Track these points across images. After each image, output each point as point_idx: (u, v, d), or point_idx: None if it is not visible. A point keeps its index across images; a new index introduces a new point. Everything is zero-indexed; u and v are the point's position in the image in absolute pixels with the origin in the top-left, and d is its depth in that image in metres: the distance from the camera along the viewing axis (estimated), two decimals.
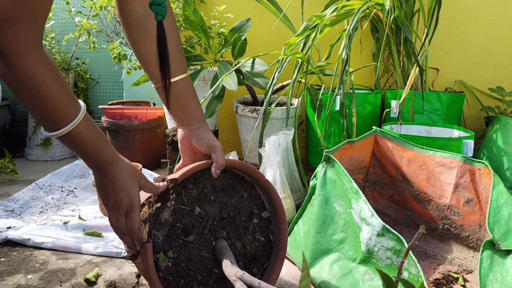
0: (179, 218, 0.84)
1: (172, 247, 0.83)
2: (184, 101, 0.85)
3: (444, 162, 1.15)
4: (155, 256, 0.81)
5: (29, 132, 2.24)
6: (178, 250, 0.84)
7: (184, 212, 0.85)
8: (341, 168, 1.03)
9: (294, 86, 1.46)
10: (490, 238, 0.91)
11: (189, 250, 0.85)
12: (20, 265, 1.12)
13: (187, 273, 0.85)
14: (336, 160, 1.06)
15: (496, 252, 0.90)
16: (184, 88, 0.84)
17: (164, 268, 0.82)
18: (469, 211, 1.12)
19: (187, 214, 0.85)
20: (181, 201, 0.84)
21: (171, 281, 0.83)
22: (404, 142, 1.22)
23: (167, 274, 0.83)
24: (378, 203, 1.34)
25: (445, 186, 1.15)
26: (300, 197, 1.45)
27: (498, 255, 0.90)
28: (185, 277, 0.85)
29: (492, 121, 1.60)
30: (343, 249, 1.00)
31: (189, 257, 0.85)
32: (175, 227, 0.83)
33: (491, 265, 0.89)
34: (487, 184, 1.05)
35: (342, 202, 1.02)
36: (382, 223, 0.89)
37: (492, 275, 0.88)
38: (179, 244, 0.84)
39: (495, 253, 0.90)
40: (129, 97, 2.28)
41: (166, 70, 0.69)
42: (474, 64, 1.85)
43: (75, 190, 1.68)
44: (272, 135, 1.35)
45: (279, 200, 0.93)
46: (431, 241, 1.21)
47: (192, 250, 0.85)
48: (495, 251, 0.90)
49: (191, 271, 0.85)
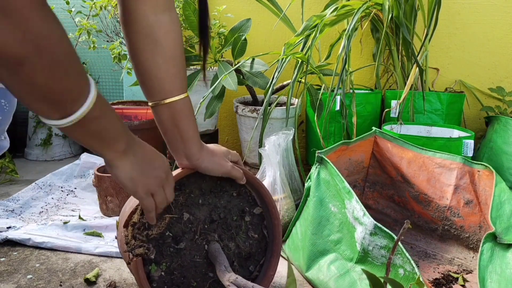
0: (168, 227, 0.82)
1: (164, 257, 0.82)
2: (183, 125, 0.76)
3: (444, 163, 1.15)
4: (146, 268, 0.80)
5: (29, 132, 2.24)
6: (170, 259, 0.83)
7: (173, 220, 0.83)
8: (333, 168, 1.03)
9: (294, 86, 1.46)
10: (492, 231, 0.91)
11: (182, 257, 0.84)
12: (20, 265, 1.13)
13: (181, 281, 0.84)
14: (328, 160, 1.06)
15: (497, 245, 0.91)
16: (184, 110, 0.75)
17: (158, 278, 0.81)
18: (469, 212, 1.12)
19: (176, 221, 0.83)
20: (168, 210, 0.82)
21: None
22: (404, 143, 1.22)
23: (161, 284, 0.82)
24: (378, 203, 1.34)
25: (445, 187, 1.15)
26: (300, 197, 1.45)
27: (499, 248, 0.91)
28: (179, 284, 0.84)
29: (492, 121, 1.60)
30: (340, 250, 1.00)
31: (182, 264, 0.84)
32: (165, 236, 0.82)
33: (491, 257, 0.89)
34: (487, 185, 1.06)
35: (337, 203, 1.03)
36: (373, 222, 0.90)
37: (491, 267, 0.88)
38: (170, 253, 0.83)
39: (496, 246, 0.91)
40: (129, 97, 2.28)
41: (206, 47, 0.66)
42: (474, 64, 1.85)
43: (75, 190, 1.68)
44: (272, 135, 1.35)
45: (269, 196, 0.92)
46: (431, 242, 1.21)
47: (185, 257, 0.84)
48: (496, 244, 0.91)
49: (186, 278, 0.85)
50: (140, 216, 0.80)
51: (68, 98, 0.51)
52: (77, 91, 0.52)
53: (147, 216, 0.74)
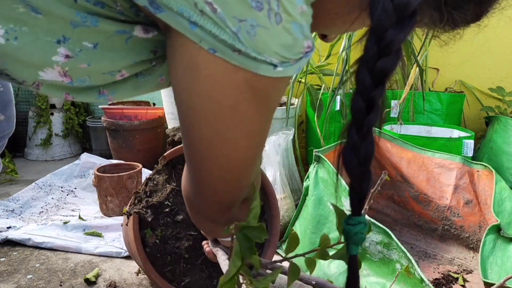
0: (167, 197, 0.85)
1: (160, 225, 0.84)
2: None
3: (444, 163, 1.15)
4: (142, 232, 0.83)
5: (29, 132, 2.24)
6: (166, 228, 0.85)
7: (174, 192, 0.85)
8: (331, 167, 1.04)
9: (294, 86, 1.46)
10: (496, 223, 0.92)
11: (177, 228, 0.86)
12: (20, 265, 1.13)
13: (174, 251, 0.86)
14: (326, 159, 1.06)
15: (499, 238, 0.92)
16: None
17: (152, 244, 0.83)
18: (469, 212, 1.12)
19: (176, 194, 0.85)
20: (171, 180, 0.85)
21: (158, 257, 0.85)
22: (403, 143, 1.22)
23: (154, 251, 0.84)
24: (378, 203, 1.34)
25: (444, 187, 1.15)
26: (300, 197, 1.45)
27: (501, 241, 0.91)
28: (172, 254, 0.86)
29: (492, 121, 1.60)
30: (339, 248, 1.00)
31: (177, 235, 0.86)
32: (164, 205, 0.84)
33: (493, 249, 0.90)
34: (486, 185, 1.06)
35: (335, 201, 1.03)
36: (368, 218, 0.90)
37: (492, 258, 0.89)
38: (167, 222, 0.85)
39: (498, 238, 0.92)
40: None
41: None
42: (474, 64, 1.84)
43: (75, 190, 1.68)
44: (272, 135, 1.35)
45: (270, 187, 0.93)
46: (431, 241, 1.21)
47: (181, 229, 0.86)
48: (499, 236, 0.92)
49: (179, 249, 0.86)
50: (144, 186, 0.84)
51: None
52: None
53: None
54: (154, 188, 0.87)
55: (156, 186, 0.87)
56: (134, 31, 0.42)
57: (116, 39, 0.42)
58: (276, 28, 0.35)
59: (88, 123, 2.23)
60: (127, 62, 0.44)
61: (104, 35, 0.42)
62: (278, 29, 0.35)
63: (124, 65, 0.45)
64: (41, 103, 2.18)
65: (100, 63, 0.43)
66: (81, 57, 0.42)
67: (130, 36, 0.43)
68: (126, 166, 1.58)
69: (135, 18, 0.42)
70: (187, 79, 0.38)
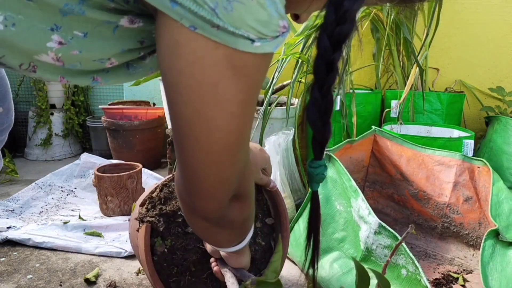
0: None
1: (171, 234, 0.84)
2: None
3: (443, 160, 1.15)
4: (152, 240, 0.82)
5: (29, 132, 2.24)
6: (176, 238, 0.84)
7: None
8: (341, 167, 1.03)
9: (294, 86, 1.46)
10: (495, 228, 0.91)
11: (187, 240, 0.85)
12: (20, 265, 1.12)
13: (182, 263, 0.85)
14: (336, 159, 1.06)
15: (498, 243, 0.91)
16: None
17: (160, 253, 0.83)
18: (468, 209, 1.12)
19: None
20: None
21: (164, 267, 0.84)
22: (403, 141, 1.22)
23: (162, 260, 0.83)
24: (378, 203, 1.34)
25: (444, 185, 1.15)
26: (300, 197, 1.45)
27: (500, 246, 0.91)
28: (179, 265, 0.85)
29: (492, 121, 1.60)
30: (344, 248, 1.00)
31: (186, 247, 0.85)
32: (177, 215, 0.84)
33: (493, 254, 0.90)
34: (487, 182, 1.06)
35: (343, 201, 1.03)
36: (378, 221, 0.90)
37: (492, 264, 0.88)
38: (178, 233, 0.84)
39: (497, 243, 0.91)
40: (129, 97, 2.28)
41: (316, 259, 0.55)
42: (474, 64, 1.85)
43: (75, 190, 1.68)
44: (272, 135, 1.35)
45: (284, 207, 0.93)
46: (431, 240, 1.21)
47: (190, 241, 0.85)
48: (498, 241, 0.91)
49: (186, 261, 0.86)
50: (159, 192, 0.83)
51: (240, 238, 0.63)
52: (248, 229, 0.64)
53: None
54: (169, 195, 0.86)
55: (171, 194, 0.86)
56: (120, 22, 0.45)
57: (104, 29, 0.45)
58: (251, 3, 0.37)
59: (88, 123, 2.23)
60: (116, 50, 0.47)
61: (92, 24, 0.44)
62: (253, 4, 0.37)
63: (113, 53, 0.47)
64: (41, 103, 2.18)
65: (91, 51, 0.46)
66: (73, 45, 0.44)
67: (116, 26, 0.45)
68: (126, 166, 1.58)
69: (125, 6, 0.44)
70: (170, 58, 0.40)
